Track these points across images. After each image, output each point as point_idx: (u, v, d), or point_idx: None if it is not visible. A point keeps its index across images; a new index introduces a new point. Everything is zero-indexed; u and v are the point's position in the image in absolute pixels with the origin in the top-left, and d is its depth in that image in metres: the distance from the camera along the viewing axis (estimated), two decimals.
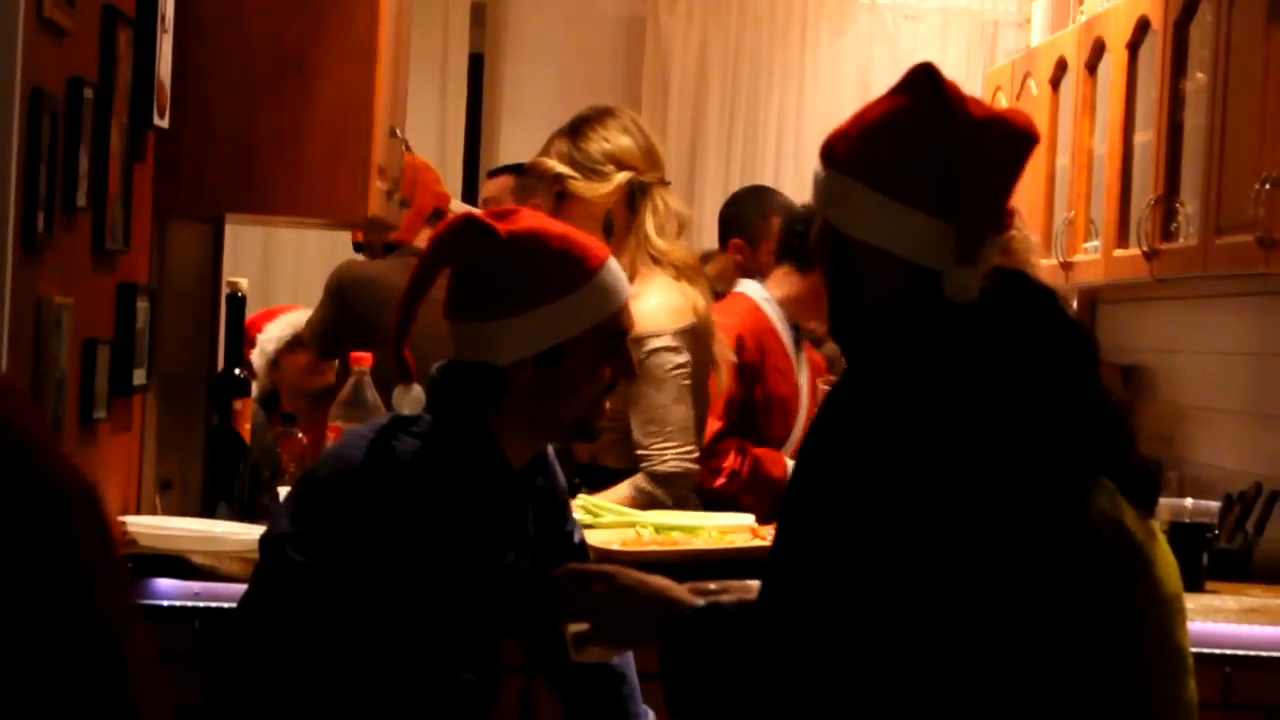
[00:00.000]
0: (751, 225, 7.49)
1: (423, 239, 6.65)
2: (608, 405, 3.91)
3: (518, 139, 8.92)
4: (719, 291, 6.74)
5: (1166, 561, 3.78)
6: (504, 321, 3.75)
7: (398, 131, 5.73)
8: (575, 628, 3.58)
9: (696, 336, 5.90)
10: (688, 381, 5.93)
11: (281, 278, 7.87)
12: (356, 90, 5.23)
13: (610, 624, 3.53)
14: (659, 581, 3.52)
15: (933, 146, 3.30)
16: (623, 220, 5.72)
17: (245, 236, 7.38)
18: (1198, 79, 6.77)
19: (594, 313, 3.74)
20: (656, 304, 5.70)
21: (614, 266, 3.85)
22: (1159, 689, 3.76)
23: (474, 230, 3.82)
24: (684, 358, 5.92)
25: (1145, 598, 3.74)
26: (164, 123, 4.90)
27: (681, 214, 5.89)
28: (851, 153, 3.36)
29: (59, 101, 4.00)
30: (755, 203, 7.63)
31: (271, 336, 7.36)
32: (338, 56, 5.20)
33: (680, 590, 3.48)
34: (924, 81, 3.33)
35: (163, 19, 4.80)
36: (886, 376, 3.29)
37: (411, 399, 4.16)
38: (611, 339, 3.79)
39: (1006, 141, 3.35)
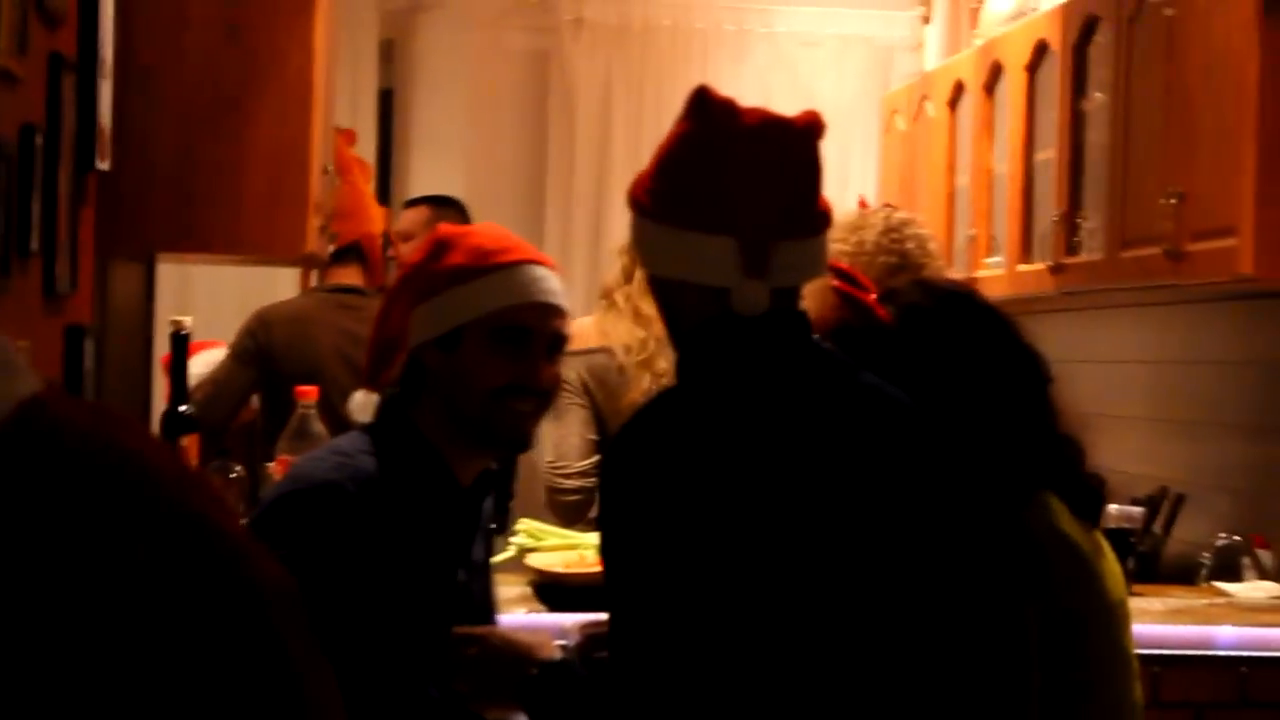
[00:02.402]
0: None
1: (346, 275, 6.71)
2: (523, 409, 3.72)
3: (428, 171, 9.02)
4: None
5: (1112, 571, 3.86)
6: (418, 308, 3.71)
7: (329, 169, 5.73)
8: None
9: (593, 359, 5.98)
10: (569, 400, 5.97)
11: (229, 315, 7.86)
12: (293, 130, 5.25)
13: (483, 686, 3.55)
14: (525, 640, 3.53)
15: (703, 164, 3.29)
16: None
17: (192, 275, 7.34)
18: (1097, 98, 6.84)
19: (488, 301, 3.66)
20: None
21: (535, 272, 3.75)
22: (1109, 691, 3.83)
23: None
24: (569, 377, 5.92)
25: (1093, 605, 3.80)
26: (106, 165, 4.90)
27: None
28: (642, 192, 3.37)
29: (12, 147, 4.01)
30: None
31: (191, 374, 7.33)
32: (274, 98, 5.21)
33: (546, 648, 3.46)
34: (696, 104, 3.32)
35: (103, 64, 4.81)
36: (685, 415, 3.29)
37: (360, 404, 4.17)
38: (507, 332, 3.67)
39: (781, 143, 3.32)
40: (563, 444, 6.05)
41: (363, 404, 4.11)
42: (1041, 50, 7.37)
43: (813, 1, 9.77)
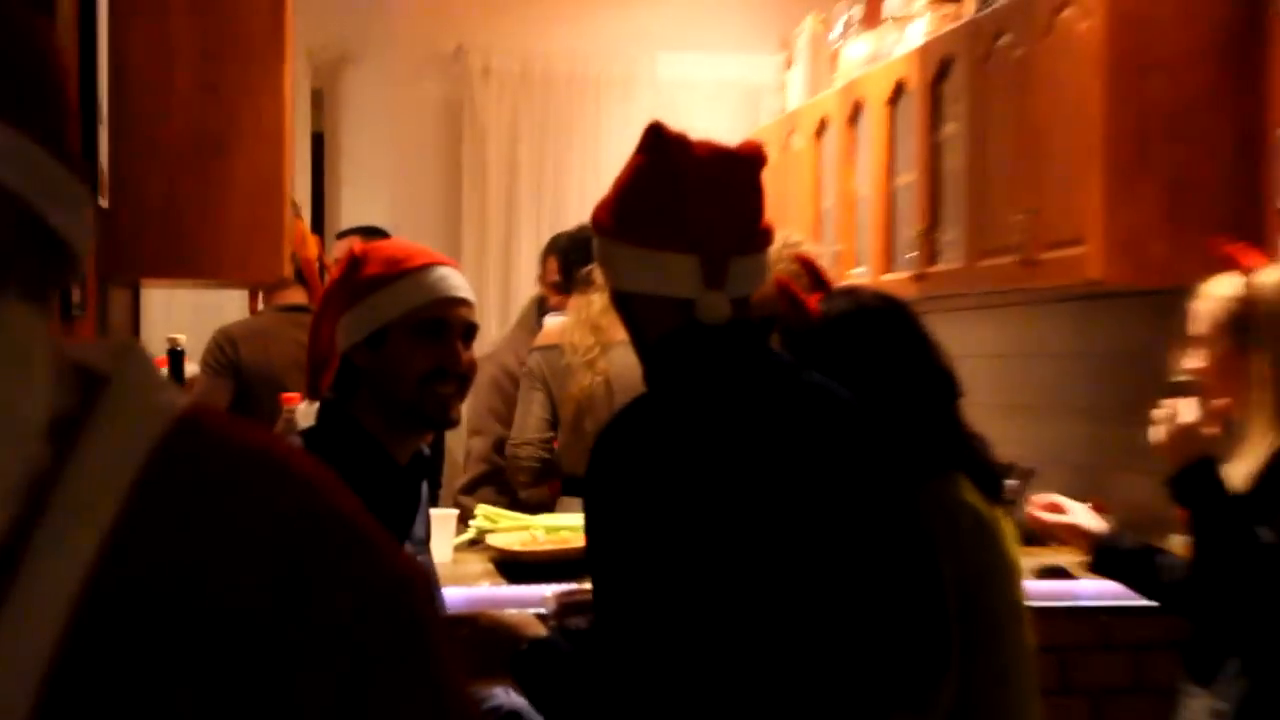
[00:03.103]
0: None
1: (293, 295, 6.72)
2: (447, 391, 3.69)
3: (356, 206, 8.94)
4: None
5: (1010, 535, 3.93)
6: (344, 316, 3.70)
7: (295, 203, 5.77)
8: None
9: (550, 355, 6.18)
10: (531, 386, 6.24)
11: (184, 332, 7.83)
12: (268, 169, 5.26)
13: (476, 664, 3.45)
14: (512, 620, 3.52)
15: (665, 191, 3.30)
16: None
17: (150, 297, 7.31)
18: (952, 129, 6.88)
19: (406, 301, 3.65)
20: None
21: (441, 271, 3.75)
22: (1010, 636, 3.92)
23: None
24: (532, 366, 6.27)
25: (995, 562, 3.90)
26: (104, 203, 4.93)
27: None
28: (607, 216, 3.41)
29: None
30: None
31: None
32: (252, 140, 5.22)
33: (532, 626, 3.47)
34: (653, 139, 3.35)
35: (100, 114, 4.85)
36: (657, 413, 3.33)
37: (304, 413, 4.18)
38: (426, 325, 3.67)
39: (731, 170, 3.34)
40: (524, 421, 6.24)
41: (306, 412, 4.14)
42: (900, 88, 7.39)
43: (688, 49, 9.73)
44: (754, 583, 3.23)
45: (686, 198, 3.29)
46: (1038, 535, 4.75)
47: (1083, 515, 4.40)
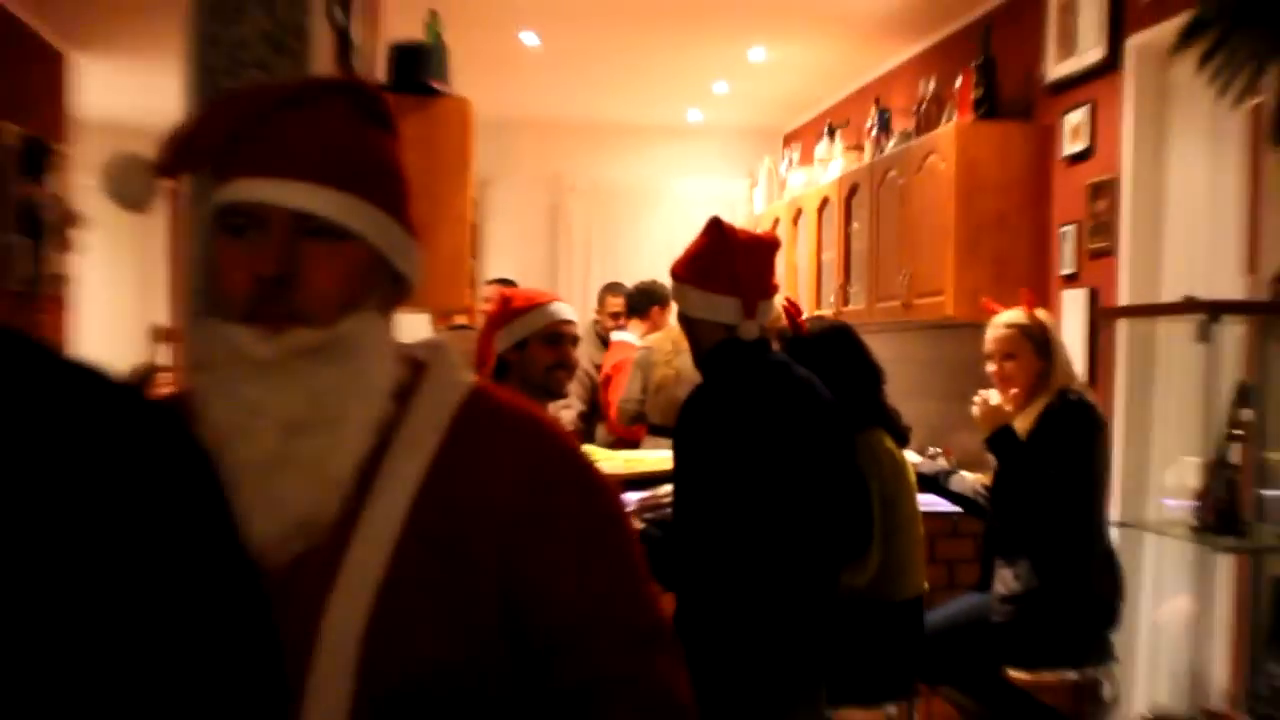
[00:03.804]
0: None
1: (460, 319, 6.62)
2: (561, 376, 3.69)
3: (496, 265, 8.87)
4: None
5: (910, 467, 3.99)
6: (500, 330, 3.66)
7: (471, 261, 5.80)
8: None
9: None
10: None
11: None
12: (457, 241, 5.21)
13: None
14: None
15: (721, 257, 3.26)
16: None
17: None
18: (858, 226, 6.79)
19: (538, 322, 3.64)
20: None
21: (558, 304, 3.72)
22: (909, 526, 3.97)
23: None
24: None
25: (906, 484, 3.96)
26: None
27: None
28: (683, 270, 3.33)
29: None
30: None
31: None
32: (448, 223, 5.18)
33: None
34: (714, 225, 3.33)
35: None
36: (713, 400, 3.26)
37: None
38: (550, 336, 3.64)
39: (761, 250, 3.31)
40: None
41: None
42: (825, 201, 7.32)
43: (692, 176, 9.62)
44: (768, 490, 3.23)
45: (734, 262, 3.26)
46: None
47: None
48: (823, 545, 3.33)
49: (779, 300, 4.17)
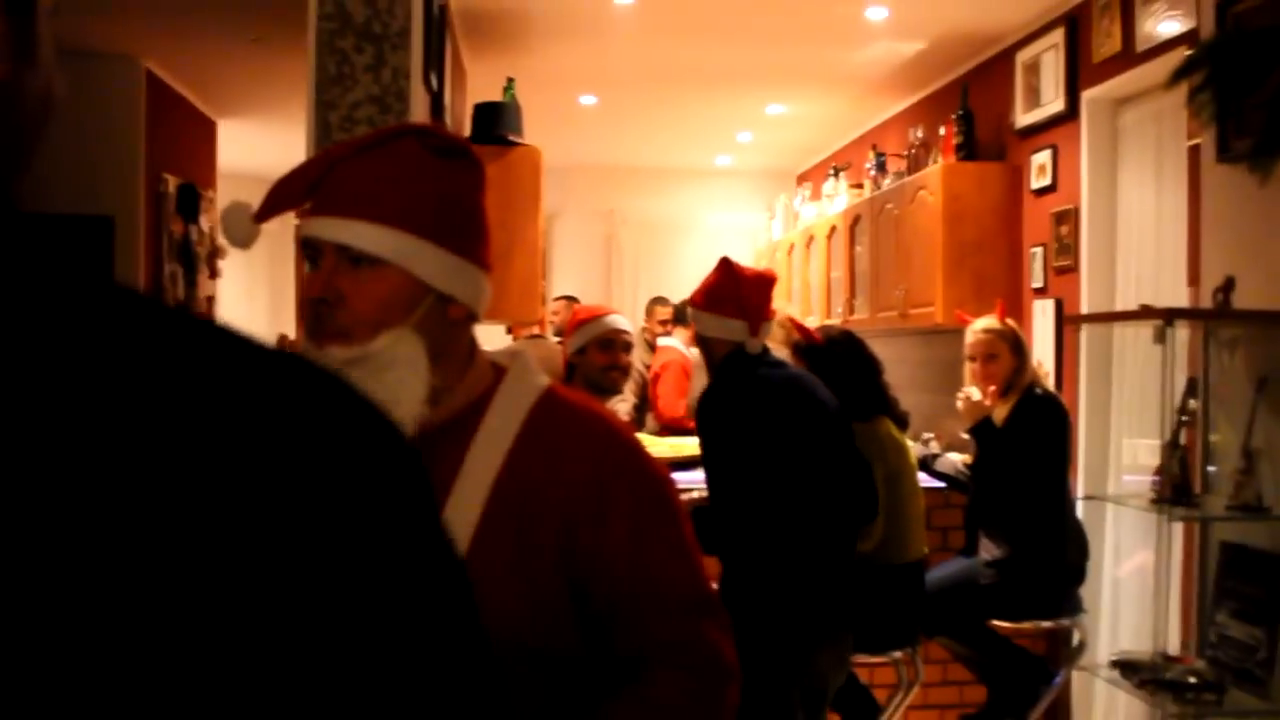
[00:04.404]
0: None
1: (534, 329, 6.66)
2: (616, 376, 3.67)
3: (561, 284, 8.83)
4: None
5: (910, 448, 3.90)
6: (570, 339, 3.67)
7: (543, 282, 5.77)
8: None
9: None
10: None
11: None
12: (531, 263, 5.16)
13: None
14: None
15: (730, 288, 3.24)
16: None
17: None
18: (860, 249, 6.72)
19: (597, 330, 3.64)
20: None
21: (614, 316, 3.70)
22: (910, 500, 3.85)
23: None
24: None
25: (907, 463, 3.86)
26: None
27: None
28: (700, 299, 3.31)
29: None
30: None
31: None
32: (522, 250, 5.15)
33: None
34: (725, 263, 3.32)
35: None
36: (724, 394, 3.21)
37: None
38: (606, 343, 3.63)
39: (762, 282, 3.29)
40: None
41: None
42: (833, 229, 7.26)
43: (719, 210, 9.57)
44: (775, 466, 3.17)
45: (740, 291, 3.25)
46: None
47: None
48: (832, 511, 3.26)
49: (783, 319, 4.11)
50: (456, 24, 5.42)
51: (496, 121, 5.30)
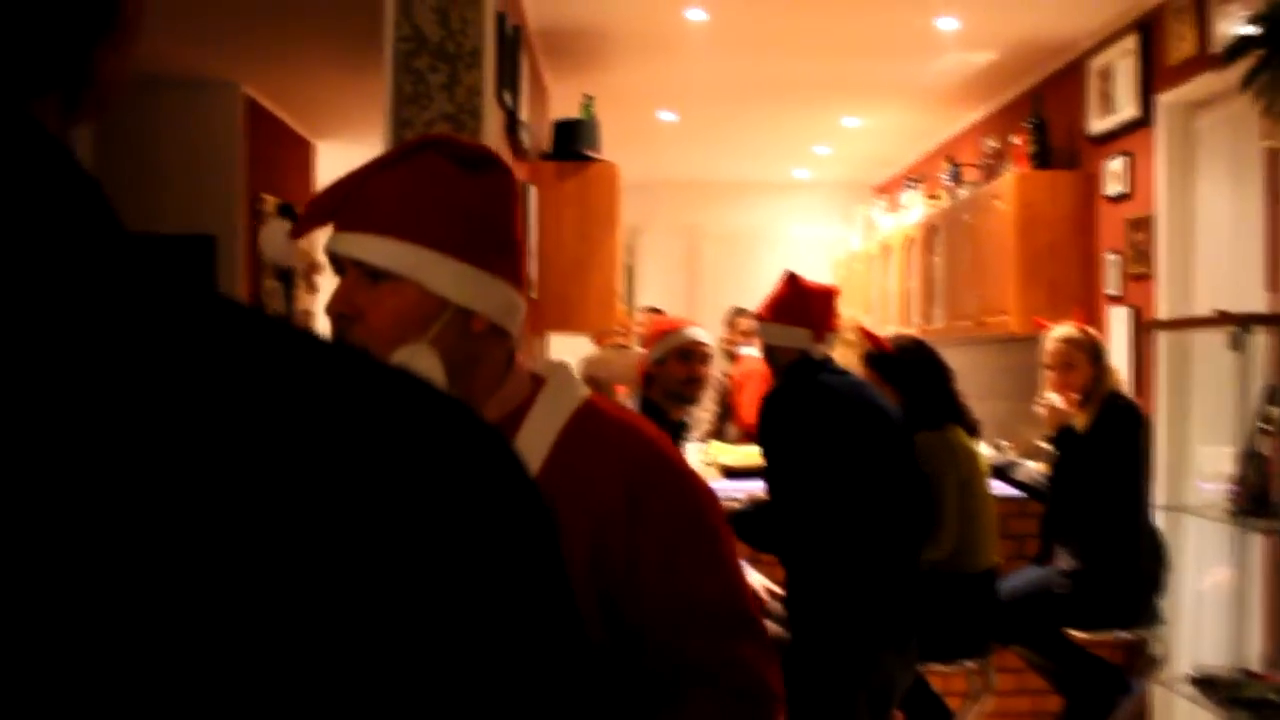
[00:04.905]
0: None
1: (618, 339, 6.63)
2: (695, 387, 3.64)
3: (645, 296, 8.82)
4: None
5: (981, 456, 3.78)
6: (652, 349, 3.65)
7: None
8: None
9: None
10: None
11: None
12: (608, 274, 5.18)
13: None
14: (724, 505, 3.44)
15: (795, 300, 3.21)
16: None
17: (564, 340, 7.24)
18: (937, 259, 6.62)
19: (675, 342, 3.59)
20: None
21: (693, 328, 3.67)
22: (982, 508, 3.72)
23: None
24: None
25: (978, 472, 3.74)
26: (534, 295, 4.92)
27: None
28: (767, 312, 3.27)
29: None
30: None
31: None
32: (601, 262, 5.14)
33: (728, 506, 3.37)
34: (790, 276, 3.29)
35: (530, 248, 4.84)
36: (786, 397, 3.18)
37: (623, 396, 4.11)
38: (685, 354, 3.60)
39: (825, 294, 3.27)
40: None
41: (623, 396, 4.09)
42: (909, 239, 7.16)
43: (799, 222, 9.45)
44: (835, 472, 3.12)
45: (804, 301, 3.23)
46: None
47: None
48: (889, 515, 3.19)
49: (853, 328, 4.00)
50: (536, 44, 5.39)
51: (575, 138, 5.32)
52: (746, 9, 5.02)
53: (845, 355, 3.75)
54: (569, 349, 7.37)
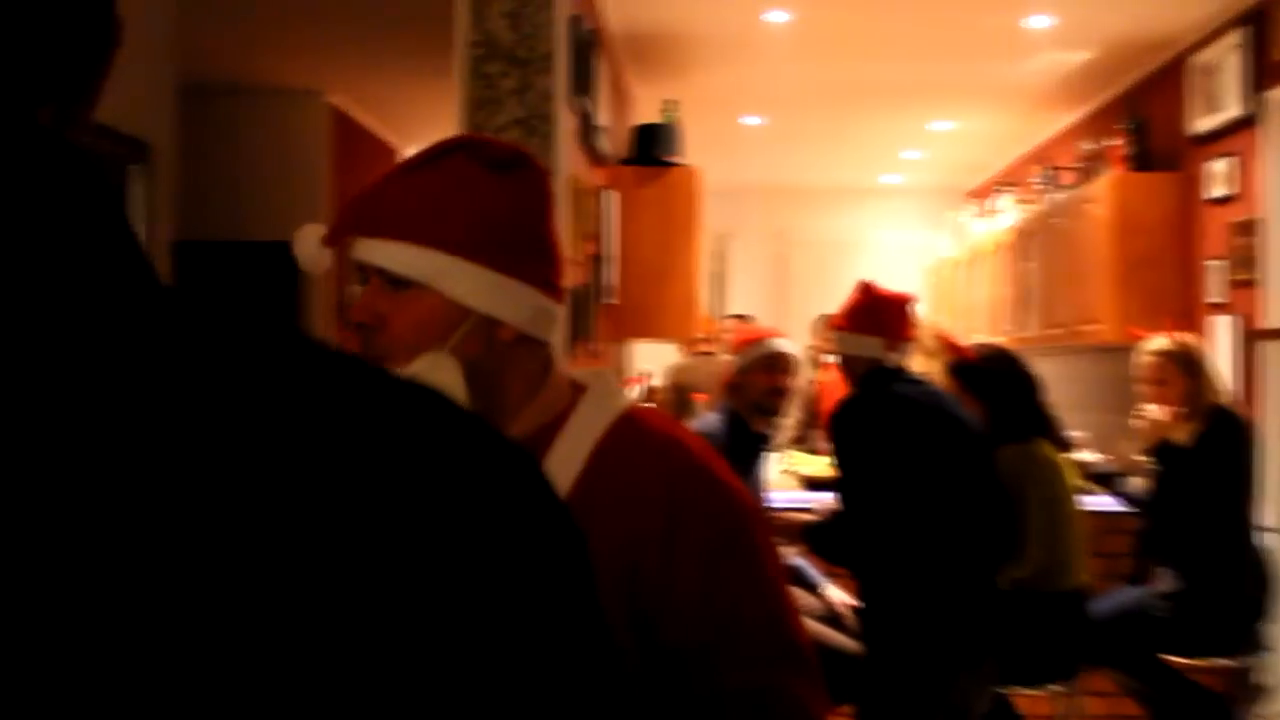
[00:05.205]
0: None
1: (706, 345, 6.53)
2: (779, 397, 3.55)
3: (735, 303, 8.79)
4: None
5: (1069, 471, 3.60)
6: (736, 357, 3.58)
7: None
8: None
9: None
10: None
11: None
12: (689, 282, 5.09)
13: (785, 538, 3.30)
14: (793, 517, 3.39)
15: (868, 308, 3.15)
16: None
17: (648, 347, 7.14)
18: (1031, 265, 6.42)
19: (759, 352, 3.51)
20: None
21: (778, 340, 3.58)
22: (1070, 524, 3.57)
23: None
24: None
25: (1065, 487, 3.57)
26: (614, 300, 4.85)
27: None
28: (843, 321, 3.22)
29: (581, 291, 3.94)
30: None
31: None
32: (681, 270, 5.04)
33: (801, 519, 3.32)
34: (863, 285, 3.22)
35: (609, 258, 4.76)
36: (862, 404, 3.11)
37: (702, 405, 4.01)
38: (770, 364, 3.51)
39: (899, 302, 3.19)
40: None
41: (702, 406, 4.00)
42: (1001, 246, 6.96)
43: (888, 228, 9.25)
44: (908, 483, 3.02)
45: (880, 312, 3.16)
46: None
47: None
48: (966, 530, 3.06)
49: (935, 335, 3.84)
50: (618, 49, 5.30)
51: (655, 143, 5.25)
52: (829, 10, 4.85)
53: (928, 365, 3.59)
54: (656, 356, 7.36)
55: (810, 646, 1.23)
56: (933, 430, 3.06)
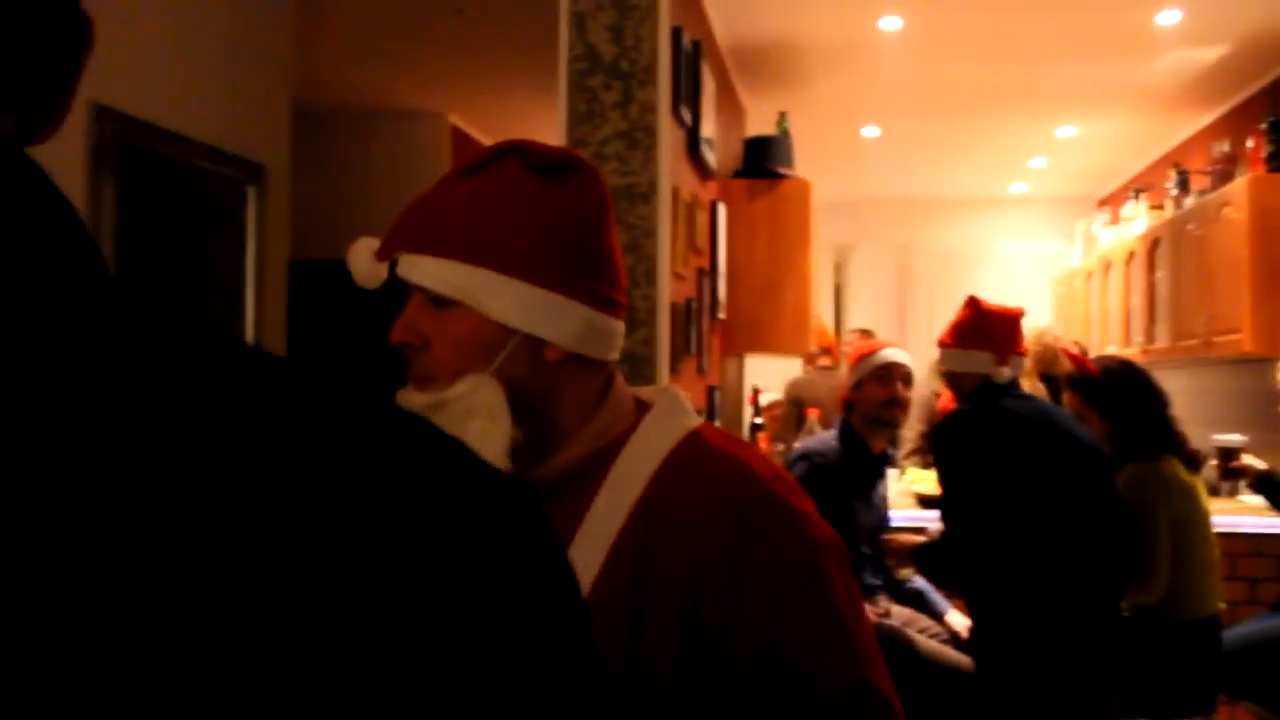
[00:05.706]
0: None
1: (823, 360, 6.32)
2: (895, 410, 3.45)
3: (855, 317, 8.52)
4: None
5: (1201, 490, 3.34)
6: (851, 372, 3.49)
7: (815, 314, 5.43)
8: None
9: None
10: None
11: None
12: (801, 294, 4.93)
13: (894, 556, 3.24)
14: (905, 539, 3.27)
15: (976, 322, 3.07)
16: None
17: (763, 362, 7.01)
18: (1161, 274, 6.06)
19: (874, 364, 3.42)
20: None
21: (894, 351, 3.49)
22: (1200, 547, 3.32)
23: None
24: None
25: (1196, 508, 3.32)
26: (723, 315, 4.70)
27: None
28: (947, 337, 3.13)
29: (683, 307, 3.83)
30: None
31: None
32: (794, 282, 4.89)
33: (915, 540, 3.23)
34: (971, 301, 3.14)
35: (719, 272, 4.62)
36: (963, 423, 2.97)
37: (813, 421, 3.93)
38: (884, 376, 3.42)
39: (1008, 317, 3.10)
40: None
41: (813, 421, 3.90)
42: (1132, 254, 6.58)
43: (1015, 239, 8.90)
44: (1018, 503, 2.85)
45: (988, 327, 3.07)
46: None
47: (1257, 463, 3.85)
48: (1083, 553, 2.87)
49: (1054, 346, 3.63)
50: (729, 61, 5.17)
51: (766, 155, 5.12)
52: (943, 13, 4.63)
53: (1032, 383, 3.41)
54: (771, 371, 7.20)
55: (890, 689, 1.11)
56: (1041, 446, 2.90)
